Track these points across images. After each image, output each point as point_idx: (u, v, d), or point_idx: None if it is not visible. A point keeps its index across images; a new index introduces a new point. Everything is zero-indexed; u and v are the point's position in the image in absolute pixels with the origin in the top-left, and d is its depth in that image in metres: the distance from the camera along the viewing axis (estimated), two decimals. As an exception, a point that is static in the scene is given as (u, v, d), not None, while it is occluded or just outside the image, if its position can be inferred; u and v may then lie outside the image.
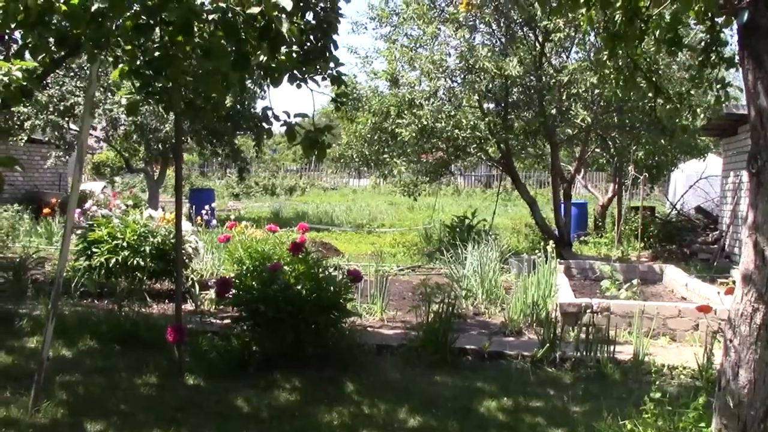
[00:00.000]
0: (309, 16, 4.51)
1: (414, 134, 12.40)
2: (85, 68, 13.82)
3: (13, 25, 3.76)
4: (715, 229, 15.49)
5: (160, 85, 4.17)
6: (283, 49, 4.27)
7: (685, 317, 7.38)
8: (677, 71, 11.22)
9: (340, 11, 4.59)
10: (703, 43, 4.29)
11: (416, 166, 14.75)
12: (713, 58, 4.24)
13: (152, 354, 6.14)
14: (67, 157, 16.79)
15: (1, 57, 4.11)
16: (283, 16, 3.77)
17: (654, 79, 5.71)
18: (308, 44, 4.46)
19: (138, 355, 6.18)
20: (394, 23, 13.73)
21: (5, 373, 5.66)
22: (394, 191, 16.76)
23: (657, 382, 4.49)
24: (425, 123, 12.33)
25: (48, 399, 5.00)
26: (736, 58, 4.57)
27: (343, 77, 4.74)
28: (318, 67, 4.54)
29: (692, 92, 10.90)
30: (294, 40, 4.22)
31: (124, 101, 4.55)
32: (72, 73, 15.29)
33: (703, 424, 3.80)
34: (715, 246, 14.09)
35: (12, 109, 13.60)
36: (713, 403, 3.58)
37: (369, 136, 13.39)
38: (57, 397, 5.16)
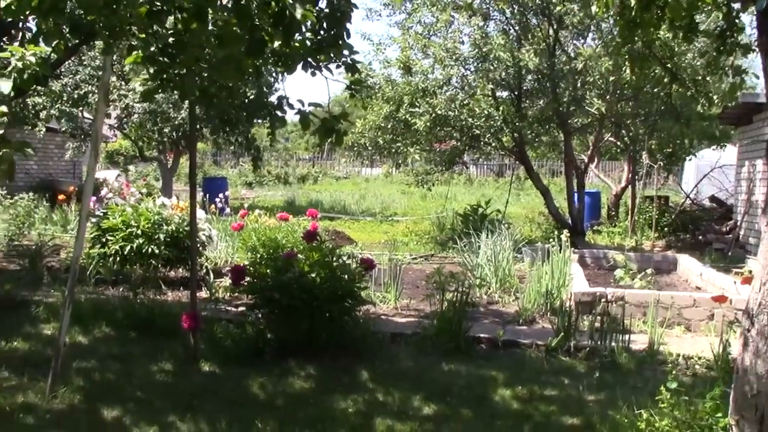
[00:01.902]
0: (322, 3, 4.48)
1: (428, 123, 12.37)
2: (99, 58, 13.84)
3: (27, 12, 3.77)
4: (729, 219, 15.37)
5: (174, 72, 4.16)
6: (297, 36, 4.25)
7: (700, 307, 7.34)
8: (693, 58, 11.11)
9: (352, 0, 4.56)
10: (719, 30, 4.25)
11: (429, 155, 14.72)
12: (729, 44, 4.20)
13: (167, 341, 6.18)
14: (85, 147, 16.88)
15: (17, 43, 4.12)
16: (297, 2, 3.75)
17: (669, 65, 5.67)
18: (321, 32, 4.43)
19: (153, 342, 6.22)
20: (408, 10, 13.68)
21: (22, 359, 5.71)
22: (407, 181, 16.70)
23: (672, 372, 4.45)
24: (439, 112, 12.29)
25: (65, 385, 5.04)
26: (753, 44, 4.53)
27: (358, 65, 4.71)
28: (332, 54, 4.52)
29: (708, 79, 10.83)
30: (308, 26, 4.19)
31: (139, 88, 4.55)
32: (85, 62, 15.34)
33: (719, 414, 3.78)
34: (730, 235, 13.98)
35: (26, 99, 13.69)
36: (730, 393, 3.56)
37: (382, 124, 13.36)
38: (74, 383, 5.19)
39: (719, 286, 8.45)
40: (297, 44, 4.27)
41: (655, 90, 11.91)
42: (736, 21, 4.19)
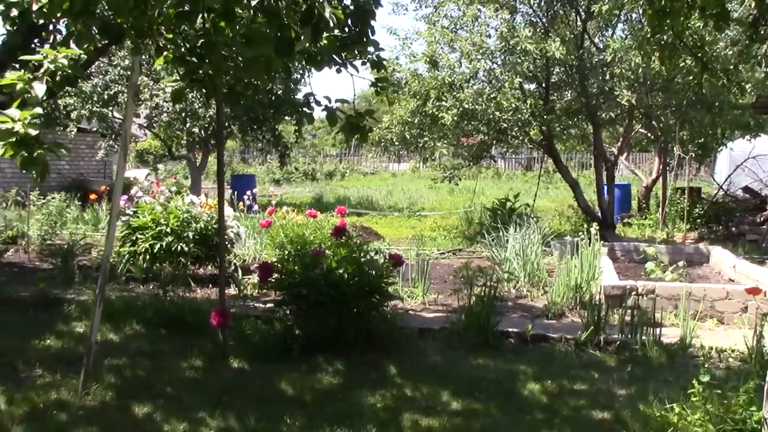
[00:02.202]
0: (347, 0, 4.48)
1: (455, 117, 12.32)
2: (128, 58, 13.99)
3: (58, 14, 3.81)
4: (763, 209, 15.12)
5: (203, 72, 4.19)
6: (324, 34, 4.25)
7: (734, 299, 7.23)
8: (725, 47, 10.93)
9: (377, -3, 4.55)
10: (751, 18, 4.17)
11: (457, 149, 14.66)
12: (762, 32, 4.12)
13: (197, 338, 6.23)
14: (116, 146, 17.09)
15: (48, 45, 4.17)
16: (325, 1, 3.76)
17: (700, 54, 5.59)
18: (347, 29, 4.43)
19: (183, 339, 6.28)
20: (434, 4, 13.64)
21: (55, 356, 5.80)
22: (434, 176, 16.66)
23: (705, 365, 4.39)
24: (466, 106, 12.24)
25: (96, 382, 5.11)
26: (787, 32, 4.44)
27: (384, 61, 4.71)
28: (357, 51, 4.52)
29: (740, 68, 10.64)
30: (336, 23, 4.19)
31: (169, 89, 4.59)
32: (115, 62, 15.52)
33: (753, 408, 3.72)
34: (764, 227, 13.76)
35: (57, 99, 13.89)
36: (764, 386, 3.50)
37: (409, 119, 13.33)
38: (105, 380, 5.26)
39: (753, 278, 8.31)
40: (325, 41, 4.27)
41: (686, 80, 11.74)
42: (768, 9, 4.12)
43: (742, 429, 3.76)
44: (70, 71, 3.49)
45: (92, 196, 14.25)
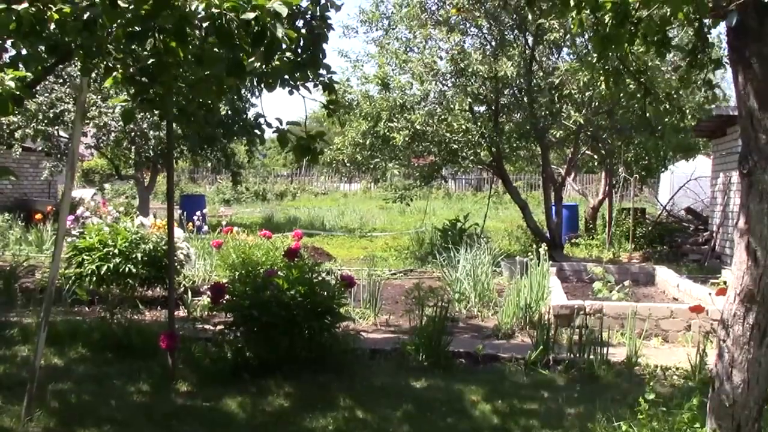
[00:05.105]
0: (299, 23, 4.50)
1: (406, 138, 12.43)
2: (75, 76, 13.76)
3: (5, 36, 3.74)
4: (705, 230, 15.56)
5: (154, 92, 4.16)
6: (276, 55, 4.26)
7: (678, 318, 7.41)
8: (666, 72, 11.27)
9: (329, 20, 4.59)
10: (690, 45, 4.32)
11: (408, 170, 14.76)
12: (701, 59, 4.27)
13: (145, 361, 6.12)
14: (62, 166, 16.73)
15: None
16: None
17: (643, 79, 5.74)
18: (299, 51, 4.45)
19: (130, 363, 6.15)
20: (384, 27, 13.77)
21: (-3, 382, 5.63)
22: (385, 197, 16.72)
23: (651, 383, 4.49)
24: (417, 127, 12.36)
25: (40, 408, 4.97)
26: (724, 59, 4.61)
27: (335, 84, 4.74)
28: (309, 74, 4.54)
29: (681, 93, 10.99)
30: (289, 45, 4.21)
31: (119, 109, 4.54)
32: (61, 80, 15.24)
33: (697, 425, 3.81)
34: (706, 246, 14.15)
35: (1, 119, 13.58)
36: (707, 403, 3.60)
37: (361, 140, 13.40)
38: (49, 405, 5.13)
39: (696, 297, 8.53)
40: (278, 62, 4.28)
41: (630, 104, 12.05)
42: (707, 36, 4.27)
43: (687, 445, 3.84)
44: (18, 93, 3.43)
45: (37, 217, 13.92)
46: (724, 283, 8.86)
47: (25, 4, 3.48)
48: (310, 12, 4.51)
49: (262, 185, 35.48)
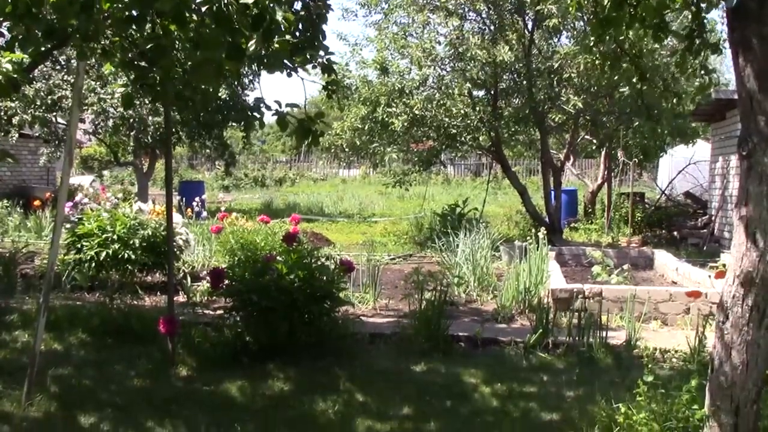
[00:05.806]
0: (298, 5, 4.47)
1: (405, 123, 12.40)
2: (73, 61, 13.71)
3: (0, 18, 3.72)
4: (704, 214, 15.56)
5: (153, 76, 4.13)
6: (275, 38, 4.23)
7: (676, 301, 7.42)
8: (664, 57, 11.24)
9: (328, 2, 4.55)
10: (688, 30, 4.30)
11: (407, 155, 14.74)
12: (698, 44, 4.24)
13: (144, 346, 6.13)
14: (60, 152, 16.69)
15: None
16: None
17: (640, 64, 5.72)
18: (297, 34, 4.42)
19: (130, 348, 6.17)
20: (384, 11, 13.70)
21: (-3, 367, 5.64)
22: (384, 182, 16.70)
23: (649, 366, 4.49)
24: (416, 112, 12.33)
25: (41, 393, 4.98)
26: (721, 44, 4.60)
27: (334, 65, 4.71)
28: (308, 55, 4.51)
29: (678, 77, 10.97)
30: (287, 27, 4.18)
31: (118, 94, 4.52)
32: (59, 66, 15.18)
33: (696, 406, 3.82)
34: (705, 230, 14.16)
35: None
36: (706, 385, 3.61)
37: (359, 125, 13.37)
38: (50, 390, 5.14)
39: (695, 281, 8.55)
40: (277, 45, 4.25)
41: (627, 88, 12.03)
42: (705, 21, 4.24)
43: (685, 427, 3.85)
44: (15, 76, 3.41)
45: (35, 203, 13.89)
46: (724, 266, 8.87)
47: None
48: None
49: (261, 171, 35.44)
